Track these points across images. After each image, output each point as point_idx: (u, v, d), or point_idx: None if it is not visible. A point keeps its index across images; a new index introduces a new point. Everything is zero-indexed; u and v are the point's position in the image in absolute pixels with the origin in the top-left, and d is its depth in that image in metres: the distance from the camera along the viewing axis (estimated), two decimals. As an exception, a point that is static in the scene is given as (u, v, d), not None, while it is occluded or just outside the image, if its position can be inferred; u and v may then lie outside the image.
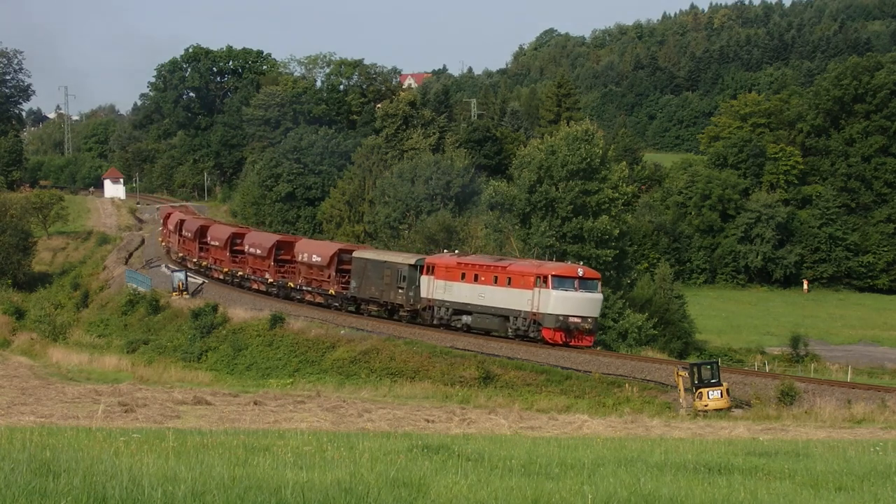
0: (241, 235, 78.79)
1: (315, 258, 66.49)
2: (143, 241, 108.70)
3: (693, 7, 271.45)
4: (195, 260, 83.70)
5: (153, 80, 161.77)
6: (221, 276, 79.40)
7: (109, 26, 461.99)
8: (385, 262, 60.61)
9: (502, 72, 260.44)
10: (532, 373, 49.80)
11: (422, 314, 58.13)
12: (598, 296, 52.01)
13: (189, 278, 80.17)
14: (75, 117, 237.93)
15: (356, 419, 35.15)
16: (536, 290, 50.72)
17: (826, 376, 52.90)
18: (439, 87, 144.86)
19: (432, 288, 56.76)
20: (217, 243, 79.91)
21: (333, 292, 64.64)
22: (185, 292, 77.10)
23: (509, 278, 52.54)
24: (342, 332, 61.40)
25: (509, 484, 14.22)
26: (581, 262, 56.20)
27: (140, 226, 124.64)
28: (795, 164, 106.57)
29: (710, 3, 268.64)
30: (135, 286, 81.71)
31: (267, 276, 72.44)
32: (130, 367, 61.06)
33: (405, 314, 59.45)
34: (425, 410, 39.25)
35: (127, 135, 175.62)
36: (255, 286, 74.70)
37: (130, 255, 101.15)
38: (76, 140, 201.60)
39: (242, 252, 76.72)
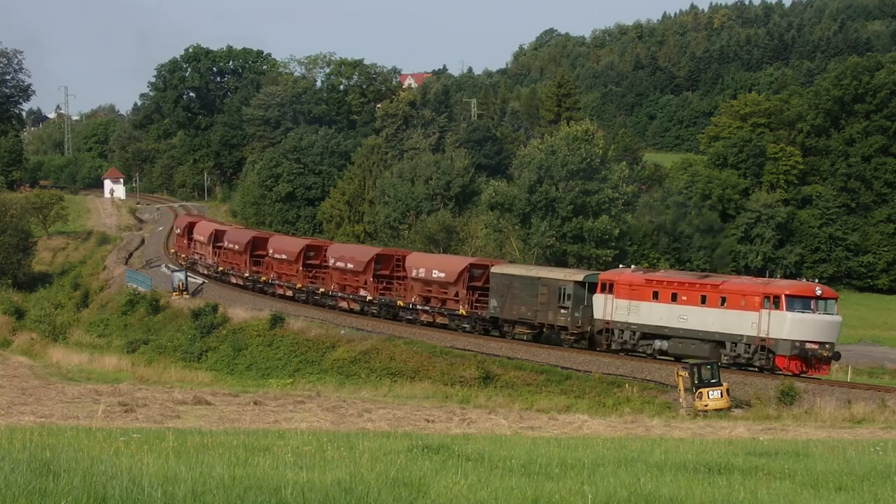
0: (319, 248, 71.70)
1: (437, 274, 59.08)
2: (143, 241, 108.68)
3: (693, 7, 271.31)
4: (246, 275, 77.03)
5: (153, 79, 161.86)
6: (291, 293, 71.91)
7: (109, 25, 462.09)
8: (540, 278, 53.51)
9: (502, 72, 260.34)
10: (532, 373, 49.86)
11: (596, 338, 51.50)
12: (837, 318, 45.27)
13: (189, 278, 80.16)
14: (75, 117, 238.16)
15: (356, 419, 35.17)
16: (765, 311, 44.13)
17: (826, 376, 52.77)
18: (439, 87, 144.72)
19: (611, 308, 49.91)
20: (283, 256, 72.57)
21: (465, 312, 57.43)
22: (185, 292, 77.11)
23: (723, 298, 45.89)
24: (342, 332, 61.42)
25: (509, 484, 14.21)
26: (818, 280, 49.99)
27: (140, 226, 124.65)
28: (795, 164, 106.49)
29: (710, 3, 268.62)
30: (135, 286, 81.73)
31: (363, 292, 64.91)
32: (130, 367, 61.14)
33: (569, 337, 52.52)
34: (425, 410, 39.28)
35: (127, 135, 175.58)
36: (343, 304, 67.04)
37: (130, 255, 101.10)
38: (76, 140, 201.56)
39: (320, 266, 69.93)
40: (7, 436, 18.16)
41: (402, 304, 61.79)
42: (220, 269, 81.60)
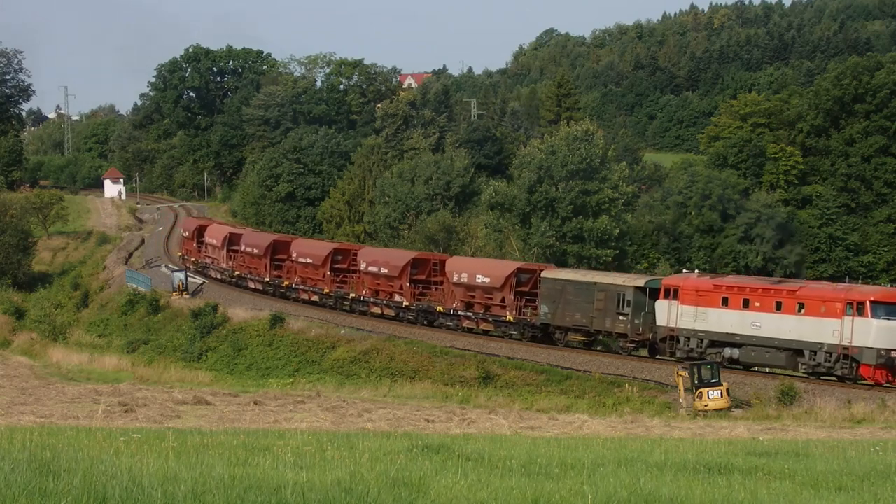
0: (347, 252, 69.48)
1: (481, 279, 56.90)
2: (143, 241, 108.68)
3: (693, 7, 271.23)
4: (266, 279, 74.85)
5: (153, 79, 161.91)
6: (317, 298, 69.72)
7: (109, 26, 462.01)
8: (596, 283, 51.60)
9: (502, 72, 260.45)
10: (532, 373, 49.90)
11: (658, 346, 49.36)
12: None
13: (189, 278, 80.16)
14: (75, 117, 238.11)
15: (356, 419, 35.18)
16: (847, 318, 42.13)
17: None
18: (439, 87, 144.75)
19: (676, 315, 47.82)
20: (309, 260, 70.32)
21: (512, 318, 55.44)
22: (185, 292, 77.15)
23: (801, 304, 43.82)
24: (342, 332, 61.45)
25: (509, 484, 14.21)
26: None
27: (140, 226, 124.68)
28: (795, 164, 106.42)
29: (710, 3, 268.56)
30: (135, 286, 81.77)
31: (398, 298, 62.65)
32: (130, 367, 61.20)
33: (628, 345, 50.72)
34: (425, 410, 39.30)
35: (127, 135, 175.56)
36: (376, 310, 64.84)
37: (130, 255, 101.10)
38: (76, 140, 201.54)
39: (349, 271, 67.96)
40: (7, 436, 18.16)
41: (441, 309, 59.47)
42: (237, 273, 79.07)
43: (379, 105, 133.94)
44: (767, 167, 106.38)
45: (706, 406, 40.39)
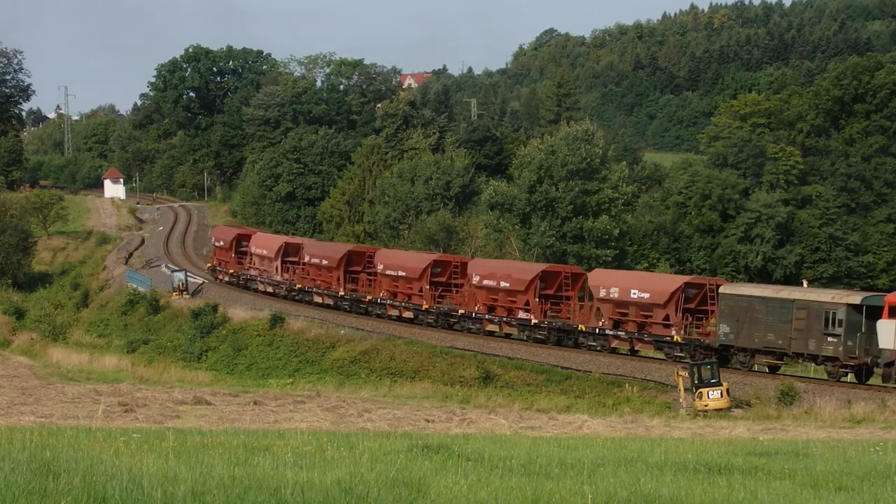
0: (447, 264, 63.33)
1: (637, 294, 51.25)
2: (142, 241, 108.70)
3: (693, 7, 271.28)
4: (340, 293, 68.58)
5: (153, 79, 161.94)
6: (412, 314, 63.17)
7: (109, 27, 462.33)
8: (794, 300, 45.97)
9: (502, 72, 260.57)
10: (532, 373, 49.92)
11: (883, 370, 43.88)
12: None
13: (189, 278, 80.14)
14: (75, 117, 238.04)
15: (356, 419, 35.17)
16: None
17: (826, 376, 52.75)
18: (439, 87, 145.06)
19: None
20: (400, 273, 64.00)
21: (679, 339, 49.34)
22: (185, 292, 77.16)
23: None
24: (342, 332, 61.46)
25: (509, 484, 14.21)
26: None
27: (140, 226, 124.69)
28: (795, 164, 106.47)
29: (710, 3, 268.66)
30: (135, 286, 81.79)
31: (523, 314, 57.04)
32: (130, 367, 61.25)
33: (840, 370, 44.99)
34: (425, 410, 39.29)
35: (127, 135, 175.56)
36: (492, 327, 58.74)
37: (130, 255, 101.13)
38: (76, 140, 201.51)
39: (449, 284, 62.44)
40: (7, 436, 18.15)
41: (584, 328, 53.61)
42: (298, 286, 72.94)
43: (379, 105, 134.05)
44: (767, 167, 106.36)
45: (706, 406, 40.41)
